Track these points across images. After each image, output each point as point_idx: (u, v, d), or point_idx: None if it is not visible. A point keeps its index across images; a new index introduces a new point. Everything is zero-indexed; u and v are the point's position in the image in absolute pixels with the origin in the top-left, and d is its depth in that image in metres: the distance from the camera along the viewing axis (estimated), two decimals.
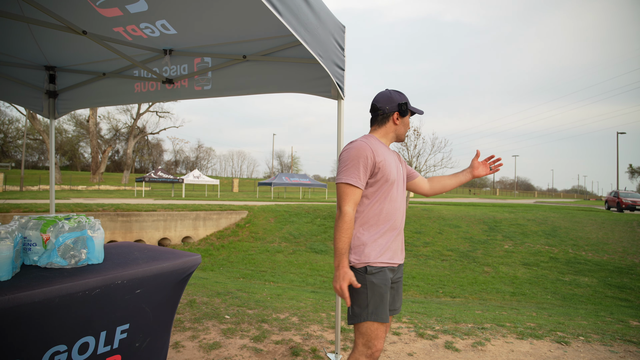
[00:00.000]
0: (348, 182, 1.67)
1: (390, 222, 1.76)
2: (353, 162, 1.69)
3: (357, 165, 1.68)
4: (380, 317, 1.67)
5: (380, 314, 1.67)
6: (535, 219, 15.70)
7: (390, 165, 1.77)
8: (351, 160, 1.70)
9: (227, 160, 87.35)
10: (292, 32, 1.72)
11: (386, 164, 1.74)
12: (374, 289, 1.68)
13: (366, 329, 1.68)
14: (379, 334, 1.69)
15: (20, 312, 1.13)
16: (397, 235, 1.80)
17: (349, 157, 1.71)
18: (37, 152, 53.38)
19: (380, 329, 1.70)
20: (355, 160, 1.69)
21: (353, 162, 1.69)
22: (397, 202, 1.81)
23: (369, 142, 1.74)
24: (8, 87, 3.50)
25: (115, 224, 12.09)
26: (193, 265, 1.75)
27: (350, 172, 1.68)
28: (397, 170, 1.84)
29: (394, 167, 1.80)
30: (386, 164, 1.74)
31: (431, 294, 8.60)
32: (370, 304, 1.68)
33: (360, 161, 1.69)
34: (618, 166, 37.12)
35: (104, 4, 2.35)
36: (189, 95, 3.26)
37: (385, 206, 1.76)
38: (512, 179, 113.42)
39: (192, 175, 26.69)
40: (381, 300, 1.68)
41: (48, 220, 1.46)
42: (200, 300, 4.17)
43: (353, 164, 1.69)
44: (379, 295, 1.68)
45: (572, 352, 3.02)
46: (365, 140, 1.76)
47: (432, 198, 38.33)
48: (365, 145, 1.71)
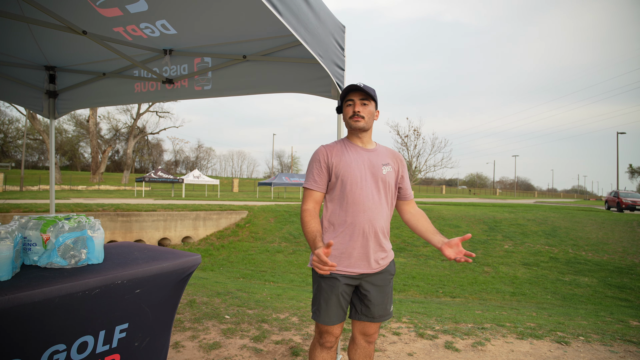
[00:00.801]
0: (304, 186, 1.81)
1: (348, 227, 1.73)
2: (309, 167, 1.84)
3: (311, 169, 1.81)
4: (321, 319, 1.76)
5: (322, 317, 1.76)
6: (535, 219, 15.70)
7: (349, 165, 1.75)
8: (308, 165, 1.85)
9: (227, 160, 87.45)
10: (292, 32, 1.72)
11: (342, 165, 1.76)
12: (320, 291, 1.77)
13: (316, 323, 1.82)
14: (327, 331, 1.78)
15: (20, 312, 1.13)
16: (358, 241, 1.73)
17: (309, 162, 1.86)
18: (37, 152, 53.42)
19: (326, 328, 1.78)
20: (310, 165, 1.83)
21: (309, 166, 1.84)
22: (362, 204, 1.73)
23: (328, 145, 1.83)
24: (8, 87, 3.50)
25: (115, 224, 12.09)
26: (193, 265, 1.75)
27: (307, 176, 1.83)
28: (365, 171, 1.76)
29: (355, 167, 1.76)
30: (342, 165, 1.76)
31: (431, 294, 8.59)
32: (315, 304, 1.80)
33: (314, 164, 1.80)
34: (618, 166, 37.12)
35: (104, 4, 2.35)
36: (189, 95, 3.26)
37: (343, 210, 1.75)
38: (512, 179, 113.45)
39: (192, 175, 26.69)
40: (325, 304, 1.75)
41: (48, 220, 1.46)
42: (200, 300, 4.17)
43: (309, 168, 1.84)
44: (324, 300, 1.75)
45: (572, 352, 3.01)
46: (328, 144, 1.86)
47: (432, 198, 38.33)
48: (320, 149, 1.82)
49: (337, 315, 1.76)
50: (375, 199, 1.77)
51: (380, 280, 1.82)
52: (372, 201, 1.76)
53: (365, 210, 1.74)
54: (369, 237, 1.74)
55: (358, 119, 1.76)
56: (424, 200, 31.23)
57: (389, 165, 1.84)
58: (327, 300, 1.74)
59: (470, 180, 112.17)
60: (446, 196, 50.49)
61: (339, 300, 1.75)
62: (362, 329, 1.86)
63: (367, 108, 1.79)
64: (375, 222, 1.75)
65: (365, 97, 1.77)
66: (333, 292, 1.74)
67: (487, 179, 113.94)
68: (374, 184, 1.78)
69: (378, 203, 1.77)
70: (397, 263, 11.50)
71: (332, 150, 1.80)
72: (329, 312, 1.75)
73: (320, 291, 1.77)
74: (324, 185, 1.79)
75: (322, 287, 1.76)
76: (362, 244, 1.74)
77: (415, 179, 19.54)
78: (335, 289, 1.74)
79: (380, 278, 1.82)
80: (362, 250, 1.74)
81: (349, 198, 1.74)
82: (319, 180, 1.78)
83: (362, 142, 1.84)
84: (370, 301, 1.80)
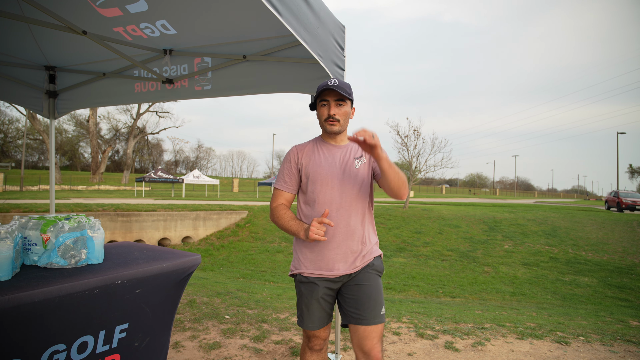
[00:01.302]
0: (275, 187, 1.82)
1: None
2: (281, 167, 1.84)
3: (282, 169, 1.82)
4: (305, 324, 1.75)
5: (305, 322, 1.75)
6: (535, 219, 15.70)
7: (319, 165, 1.72)
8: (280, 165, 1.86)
9: (227, 160, 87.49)
10: (292, 32, 1.72)
11: (312, 165, 1.73)
12: (301, 297, 1.77)
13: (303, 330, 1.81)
14: (313, 335, 1.77)
15: (20, 312, 1.13)
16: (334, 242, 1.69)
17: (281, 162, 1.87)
18: (37, 152, 53.43)
19: (312, 332, 1.76)
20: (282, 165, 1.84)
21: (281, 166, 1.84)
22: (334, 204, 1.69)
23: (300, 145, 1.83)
24: (8, 87, 3.50)
25: (115, 224, 12.09)
26: (193, 265, 1.75)
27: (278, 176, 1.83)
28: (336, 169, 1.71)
29: (326, 167, 1.71)
30: (312, 165, 1.73)
31: (431, 294, 8.59)
32: (298, 310, 1.80)
33: (285, 165, 1.81)
34: (618, 166, 37.12)
35: (104, 4, 2.35)
36: (189, 95, 3.26)
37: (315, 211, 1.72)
38: (512, 179, 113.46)
39: (192, 175, 26.69)
40: (307, 309, 1.74)
41: (48, 220, 1.46)
42: (200, 300, 4.17)
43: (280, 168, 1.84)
44: (305, 305, 1.74)
45: (572, 352, 3.02)
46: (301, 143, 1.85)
47: (431, 198, 38.30)
48: (292, 150, 1.82)
49: (320, 319, 1.74)
50: (348, 196, 1.71)
51: (364, 279, 1.70)
52: (345, 199, 1.71)
53: (338, 209, 1.69)
54: (345, 236, 1.70)
55: (333, 123, 1.70)
56: (424, 200, 31.25)
57: (362, 157, 1.77)
58: (308, 306, 1.73)
59: (470, 180, 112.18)
60: (446, 196, 50.48)
61: (320, 305, 1.73)
62: (358, 341, 1.64)
63: (343, 109, 1.71)
64: (350, 220, 1.70)
65: (341, 97, 1.69)
66: (313, 297, 1.72)
67: (487, 179, 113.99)
68: (347, 181, 1.72)
69: (352, 200, 1.72)
70: (397, 263, 11.52)
71: (302, 150, 1.79)
72: (311, 317, 1.74)
73: (301, 297, 1.76)
74: (294, 186, 1.78)
75: (302, 293, 1.75)
76: (337, 245, 1.69)
77: (415, 179, 19.53)
78: (315, 294, 1.71)
79: (365, 277, 1.71)
80: (339, 251, 1.69)
81: (319, 198, 1.70)
82: (289, 181, 1.77)
83: (335, 140, 1.80)
84: (357, 302, 1.67)
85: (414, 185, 27.03)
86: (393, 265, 10.96)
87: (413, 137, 18.83)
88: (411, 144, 18.86)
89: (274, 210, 1.76)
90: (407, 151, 19.01)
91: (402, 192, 1.67)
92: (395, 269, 10.71)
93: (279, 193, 1.79)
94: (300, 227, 1.66)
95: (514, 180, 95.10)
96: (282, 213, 1.72)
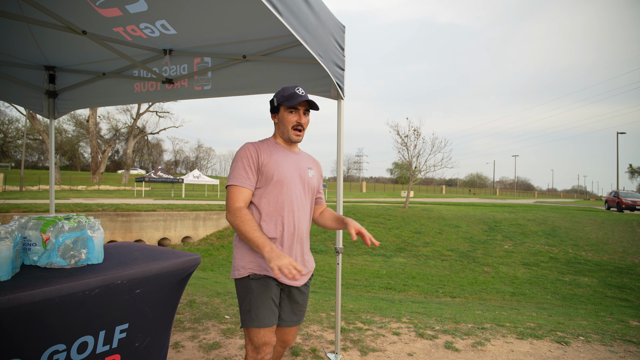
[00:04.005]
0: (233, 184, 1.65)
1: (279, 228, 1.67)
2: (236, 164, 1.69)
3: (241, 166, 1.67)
4: (260, 321, 1.61)
5: (260, 319, 1.61)
6: (535, 219, 15.70)
7: (280, 165, 1.70)
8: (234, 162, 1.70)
9: (227, 160, 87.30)
10: (292, 32, 1.72)
11: (272, 164, 1.68)
12: (252, 293, 1.64)
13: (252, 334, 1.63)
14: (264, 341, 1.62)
15: (20, 312, 1.13)
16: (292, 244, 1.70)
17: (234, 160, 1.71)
18: (37, 152, 53.44)
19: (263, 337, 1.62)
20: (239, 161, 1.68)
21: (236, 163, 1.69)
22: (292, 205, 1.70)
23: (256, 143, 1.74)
24: (8, 87, 3.50)
25: (115, 224, 12.09)
26: (193, 265, 1.75)
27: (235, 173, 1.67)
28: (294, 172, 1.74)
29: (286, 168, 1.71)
30: (272, 164, 1.68)
31: (431, 294, 8.59)
32: (247, 310, 1.64)
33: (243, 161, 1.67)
34: (618, 166, 37.13)
35: (104, 4, 2.35)
36: (189, 95, 3.26)
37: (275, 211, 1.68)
38: (512, 179, 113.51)
39: (192, 175, 26.68)
40: (262, 304, 1.63)
41: (48, 220, 1.46)
42: (200, 300, 4.17)
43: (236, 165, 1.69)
44: (261, 300, 1.63)
45: (572, 352, 3.01)
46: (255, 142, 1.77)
47: (432, 198, 38.33)
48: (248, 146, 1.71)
49: (274, 314, 1.65)
50: (302, 200, 1.74)
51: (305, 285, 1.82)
52: (300, 203, 1.73)
53: (294, 211, 1.70)
54: (300, 239, 1.72)
55: (299, 133, 1.74)
56: (424, 200, 31.23)
57: (312, 170, 1.84)
58: (264, 301, 1.63)
59: (470, 180, 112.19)
60: (446, 196, 50.49)
61: (273, 302, 1.66)
62: (283, 336, 1.83)
63: (307, 118, 1.76)
64: (302, 224, 1.74)
65: (309, 107, 1.75)
66: (267, 294, 1.64)
67: (487, 179, 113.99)
68: (302, 186, 1.75)
69: (305, 205, 1.76)
70: (397, 263, 11.53)
71: (260, 148, 1.72)
72: (267, 311, 1.62)
73: (251, 293, 1.64)
74: (254, 183, 1.69)
75: (253, 289, 1.64)
76: (294, 246, 1.71)
77: (415, 179, 19.53)
78: (269, 291, 1.65)
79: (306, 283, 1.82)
80: (294, 253, 1.71)
81: (279, 199, 1.68)
82: (251, 178, 1.67)
83: (290, 146, 1.81)
84: (299, 305, 1.79)
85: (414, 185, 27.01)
86: (393, 265, 10.96)
87: (413, 137, 18.84)
88: (411, 144, 18.87)
89: (238, 211, 1.60)
90: (407, 151, 19.02)
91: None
92: (395, 269, 10.70)
93: (240, 190, 1.64)
94: (265, 243, 1.52)
95: (514, 180, 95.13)
96: (248, 218, 1.59)
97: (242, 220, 1.57)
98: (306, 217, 1.77)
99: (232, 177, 1.67)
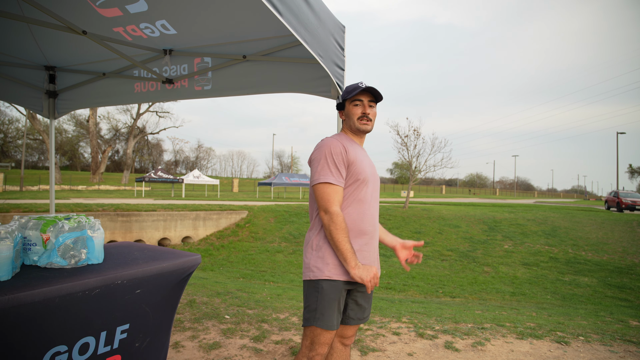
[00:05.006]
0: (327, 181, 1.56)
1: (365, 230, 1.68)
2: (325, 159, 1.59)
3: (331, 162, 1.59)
4: (325, 323, 1.60)
5: (325, 321, 1.59)
6: (535, 219, 15.70)
7: (363, 162, 1.68)
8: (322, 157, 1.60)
9: (227, 160, 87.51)
10: (292, 32, 1.72)
11: (357, 161, 1.65)
12: (322, 293, 1.61)
13: (310, 331, 1.63)
14: (323, 341, 1.62)
15: (21, 312, 1.13)
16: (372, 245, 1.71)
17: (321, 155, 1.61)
18: (37, 152, 53.43)
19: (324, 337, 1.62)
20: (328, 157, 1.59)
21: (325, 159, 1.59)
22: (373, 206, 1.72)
23: (340, 138, 1.68)
24: (8, 87, 3.50)
25: (115, 224, 12.09)
26: (193, 265, 1.74)
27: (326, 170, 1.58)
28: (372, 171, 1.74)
29: (368, 166, 1.71)
30: (357, 161, 1.65)
31: (431, 294, 8.59)
32: (312, 309, 1.62)
33: (334, 157, 1.59)
34: (618, 166, 37.14)
35: (104, 4, 2.35)
36: (189, 95, 3.26)
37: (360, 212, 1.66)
38: (512, 179, 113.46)
39: (192, 175, 26.68)
40: (329, 306, 1.60)
41: (48, 220, 1.46)
42: (200, 300, 4.17)
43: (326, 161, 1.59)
44: (328, 302, 1.60)
45: (572, 352, 3.02)
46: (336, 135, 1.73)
47: (432, 198, 38.33)
48: (335, 142, 1.62)
49: (338, 318, 1.63)
50: (376, 198, 1.76)
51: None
52: (376, 201, 1.75)
53: (374, 211, 1.74)
54: (374, 238, 1.74)
55: (367, 122, 1.73)
56: (424, 200, 31.22)
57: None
58: (331, 303, 1.60)
59: (470, 180, 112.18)
60: (446, 196, 50.48)
61: (340, 304, 1.64)
62: (342, 332, 1.78)
63: (374, 110, 1.76)
64: (376, 222, 1.77)
65: (373, 98, 1.75)
66: (336, 295, 1.60)
67: (487, 179, 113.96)
68: (377, 183, 1.77)
69: (377, 203, 1.78)
70: (397, 263, 11.51)
71: (346, 144, 1.64)
72: (332, 315, 1.60)
73: (322, 293, 1.60)
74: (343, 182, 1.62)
75: (325, 289, 1.60)
76: (374, 248, 1.72)
77: (415, 179, 19.52)
78: (338, 293, 1.61)
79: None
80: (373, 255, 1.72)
81: (367, 198, 1.68)
82: (344, 175, 1.60)
83: (360, 141, 1.81)
84: (362, 304, 1.75)
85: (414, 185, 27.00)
86: (393, 265, 10.96)
87: (413, 137, 18.83)
88: (411, 144, 18.86)
89: (336, 216, 1.52)
90: (407, 151, 19.01)
91: None
92: (395, 269, 10.70)
93: (335, 190, 1.55)
94: (353, 258, 1.53)
95: (513, 180, 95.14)
96: (344, 226, 1.53)
97: (338, 227, 1.53)
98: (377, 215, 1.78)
99: (323, 174, 1.57)
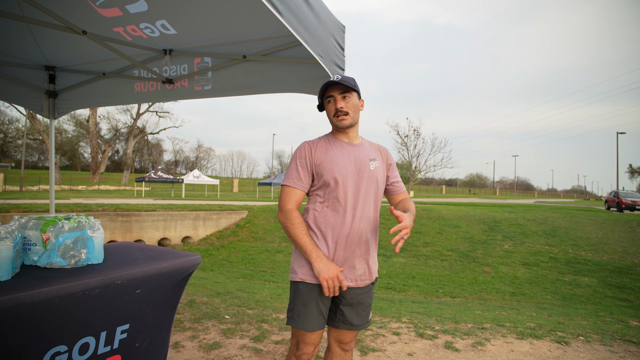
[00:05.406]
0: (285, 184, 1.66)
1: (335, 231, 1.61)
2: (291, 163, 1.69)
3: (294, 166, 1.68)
4: (299, 324, 1.60)
5: (300, 322, 1.60)
6: (535, 219, 15.69)
7: (335, 163, 1.63)
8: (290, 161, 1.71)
9: (227, 160, 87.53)
10: (292, 32, 1.72)
11: (327, 162, 1.63)
12: (298, 294, 1.62)
13: (294, 331, 1.65)
14: (304, 340, 1.62)
15: (21, 312, 1.13)
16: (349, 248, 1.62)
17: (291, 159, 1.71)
18: (37, 152, 53.43)
19: (304, 337, 1.62)
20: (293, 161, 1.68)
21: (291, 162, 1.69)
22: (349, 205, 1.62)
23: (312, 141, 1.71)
24: (8, 87, 3.50)
25: (115, 224, 12.08)
26: (193, 265, 1.74)
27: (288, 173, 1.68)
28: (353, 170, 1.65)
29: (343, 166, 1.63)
30: (327, 162, 1.63)
31: (431, 294, 8.59)
32: (291, 309, 1.65)
33: (297, 161, 1.67)
34: (618, 166, 37.13)
35: (104, 4, 2.35)
36: (189, 95, 3.26)
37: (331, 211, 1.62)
38: (512, 179, 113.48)
39: (192, 175, 26.68)
40: (305, 308, 1.60)
41: (48, 220, 1.46)
42: (200, 300, 4.17)
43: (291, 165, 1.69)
44: (302, 303, 1.61)
45: (572, 352, 3.01)
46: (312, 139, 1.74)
47: (432, 198, 38.34)
48: (304, 145, 1.69)
49: (316, 321, 1.61)
50: (362, 198, 1.64)
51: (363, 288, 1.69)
52: (359, 201, 1.64)
53: (352, 210, 1.62)
54: (358, 241, 1.63)
55: (343, 118, 1.65)
56: (424, 200, 31.20)
57: (377, 160, 1.72)
58: (307, 304, 1.60)
59: (470, 180, 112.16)
60: (446, 196, 50.47)
61: (319, 306, 1.61)
62: (339, 337, 1.73)
63: (350, 101, 1.66)
64: (363, 224, 1.64)
65: (345, 89, 1.64)
66: (312, 297, 1.60)
67: (487, 179, 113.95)
68: (362, 182, 1.65)
69: (365, 203, 1.65)
70: (397, 263, 11.52)
71: (315, 146, 1.67)
72: (308, 316, 1.59)
73: (298, 294, 1.62)
74: (307, 184, 1.65)
75: (301, 290, 1.61)
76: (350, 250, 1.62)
77: (415, 179, 19.53)
78: (315, 295, 1.60)
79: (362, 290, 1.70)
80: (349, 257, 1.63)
81: (333, 199, 1.62)
82: (303, 178, 1.64)
83: (348, 137, 1.72)
84: (352, 309, 1.68)
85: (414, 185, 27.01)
86: (393, 265, 10.96)
87: (413, 137, 18.87)
88: (411, 144, 18.91)
89: (289, 213, 1.60)
90: (407, 151, 19.04)
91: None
92: (395, 269, 10.70)
93: (292, 191, 1.63)
94: (313, 250, 1.55)
95: (513, 180, 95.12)
96: (298, 221, 1.59)
97: (291, 222, 1.59)
98: (369, 216, 1.66)
99: (285, 177, 1.68)
